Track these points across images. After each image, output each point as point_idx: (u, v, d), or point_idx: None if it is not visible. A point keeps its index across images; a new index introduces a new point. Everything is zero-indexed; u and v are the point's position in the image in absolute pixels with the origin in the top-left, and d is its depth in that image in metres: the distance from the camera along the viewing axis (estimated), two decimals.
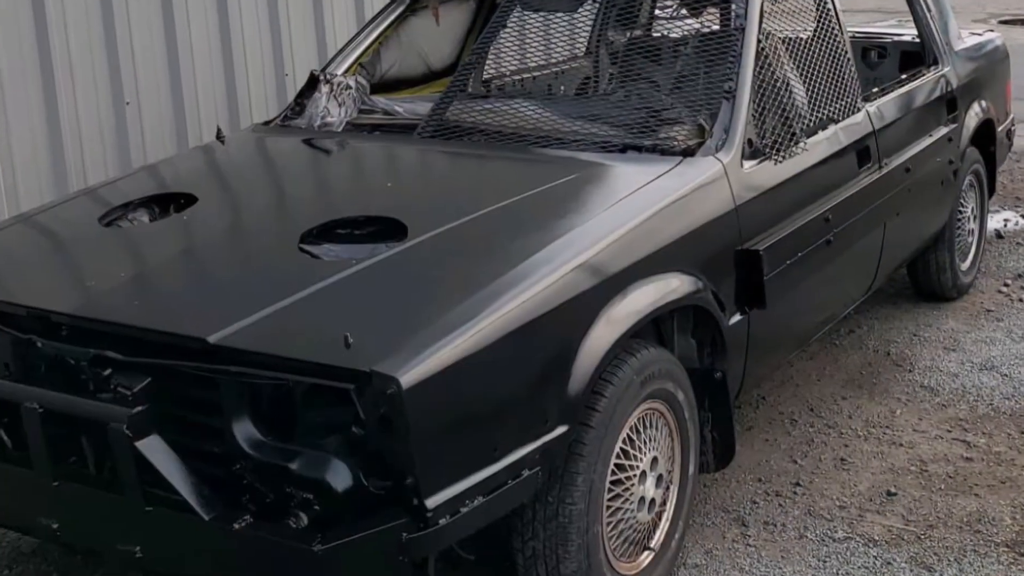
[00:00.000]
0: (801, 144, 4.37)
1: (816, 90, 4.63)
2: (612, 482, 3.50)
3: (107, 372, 3.14)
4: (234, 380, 3.02)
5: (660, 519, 3.77)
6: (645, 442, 3.62)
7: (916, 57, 6.09)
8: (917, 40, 6.10)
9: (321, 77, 4.93)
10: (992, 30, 7.14)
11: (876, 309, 6.19)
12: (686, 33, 4.78)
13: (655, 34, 5.18)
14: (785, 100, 4.39)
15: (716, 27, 4.70)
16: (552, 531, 3.36)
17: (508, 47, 4.99)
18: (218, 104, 6.15)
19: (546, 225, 3.57)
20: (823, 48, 4.77)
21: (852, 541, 4.09)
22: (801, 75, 4.60)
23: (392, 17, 5.30)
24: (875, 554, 4.01)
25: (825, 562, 3.97)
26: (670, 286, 3.67)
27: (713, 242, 3.93)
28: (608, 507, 3.50)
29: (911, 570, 3.93)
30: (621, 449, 3.51)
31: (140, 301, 3.40)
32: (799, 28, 4.76)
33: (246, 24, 6.28)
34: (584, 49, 5.76)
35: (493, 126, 4.45)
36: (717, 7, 4.88)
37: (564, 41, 5.30)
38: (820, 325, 4.90)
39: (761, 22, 4.43)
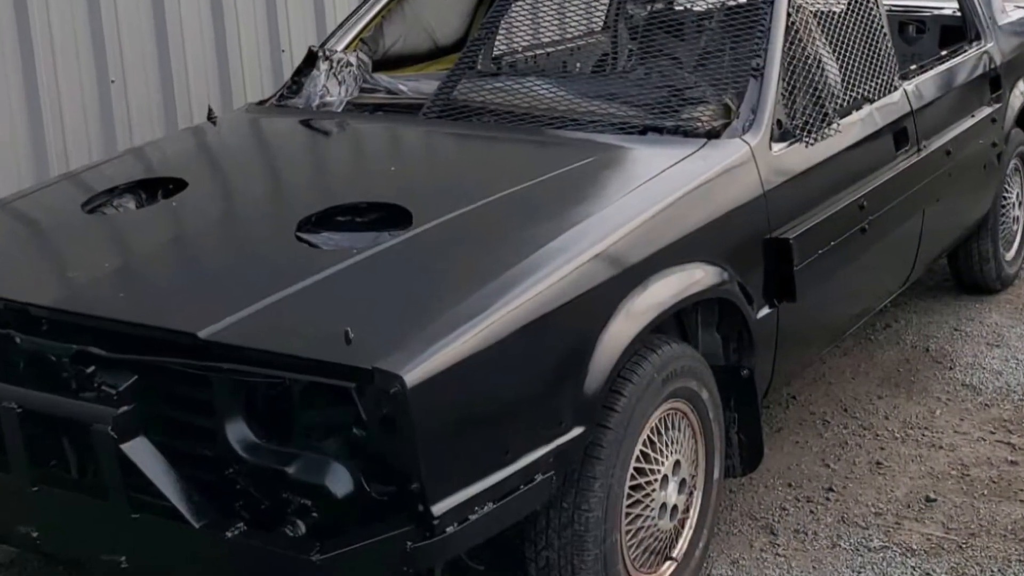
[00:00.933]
0: (834, 125, 4.36)
1: (850, 68, 4.62)
2: (631, 487, 3.49)
3: (90, 370, 3.13)
4: (227, 378, 3.01)
5: (683, 527, 3.76)
6: (667, 444, 3.61)
7: (957, 32, 6.07)
8: (958, 14, 6.08)
9: (320, 53, 4.92)
10: None
11: (914, 302, 6.17)
12: (711, 6, 4.76)
13: (677, 7, 5.16)
14: (817, 78, 4.38)
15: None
16: (567, 540, 3.36)
17: (520, 21, 4.97)
18: (209, 82, 6.14)
19: (561, 212, 3.56)
20: (858, 22, 4.75)
21: (889, 551, 4.08)
22: (834, 51, 4.59)
23: None
24: (913, 564, 4.00)
25: (860, 573, 3.96)
26: (694, 277, 3.66)
27: (740, 230, 3.93)
28: (627, 514, 3.49)
29: None
30: (641, 452, 3.51)
31: (126, 293, 3.39)
32: (832, 1, 4.74)
33: None
34: (602, 23, 5.74)
35: (504, 106, 4.45)
36: None
37: (580, 15, 5.28)
38: (854, 319, 4.89)
39: None
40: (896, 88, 4.91)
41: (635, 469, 3.49)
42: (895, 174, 4.74)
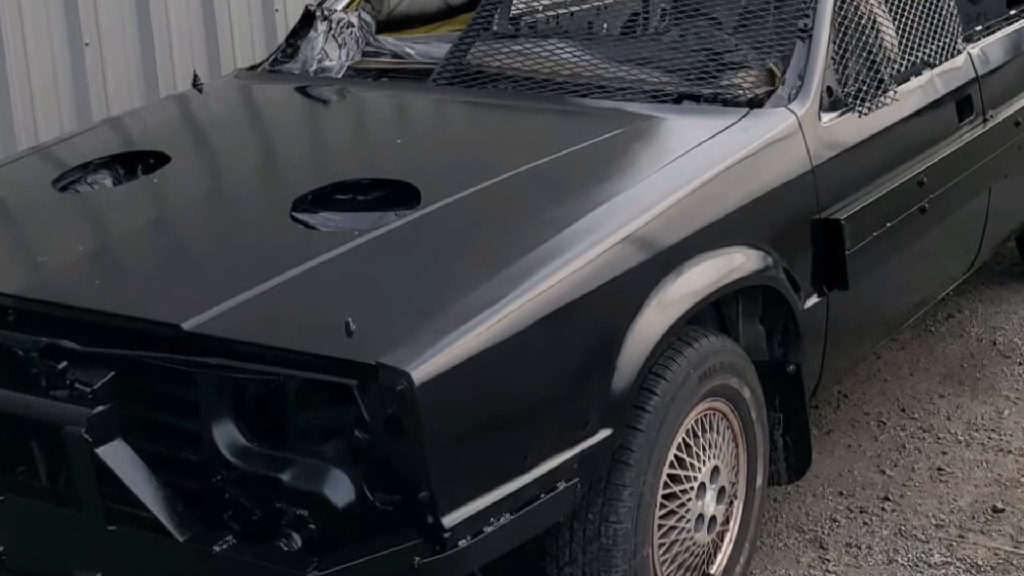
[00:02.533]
0: (890, 93, 4.34)
1: (908, 29, 4.61)
2: (665, 496, 3.49)
3: (62, 365, 3.13)
4: (214, 375, 3.00)
5: (722, 540, 3.77)
6: (704, 448, 3.61)
7: None
8: None
9: (318, 13, 4.92)
10: None
11: (980, 290, 6.16)
12: None
13: None
14: (871, 40, 4.37)
15: None
16: (593, 555, 3.35)
17: None
18: (195, 45, 6.14)
19: (586, 190, 3.56)
20: None
21: (951, 567, 4.07)
22: (890, 11, 4.57)
23: None
24: None
25: None
26: (734, 263, 3.65)
27: (785, 210, 3.92)
28: (660, 526, 3.49)
29: None
30: (675, 457, 3.50)
31: (102, 281, 3.40)
32: None
33: None
34: None
35: (523, 72, 4.45)
36: None
37: None
38: (913, 309, 4.88)
39: None
40: (959, 52, 4.90)
41: (668, 476, 3.49)
42: (958, 147, 4.73)
